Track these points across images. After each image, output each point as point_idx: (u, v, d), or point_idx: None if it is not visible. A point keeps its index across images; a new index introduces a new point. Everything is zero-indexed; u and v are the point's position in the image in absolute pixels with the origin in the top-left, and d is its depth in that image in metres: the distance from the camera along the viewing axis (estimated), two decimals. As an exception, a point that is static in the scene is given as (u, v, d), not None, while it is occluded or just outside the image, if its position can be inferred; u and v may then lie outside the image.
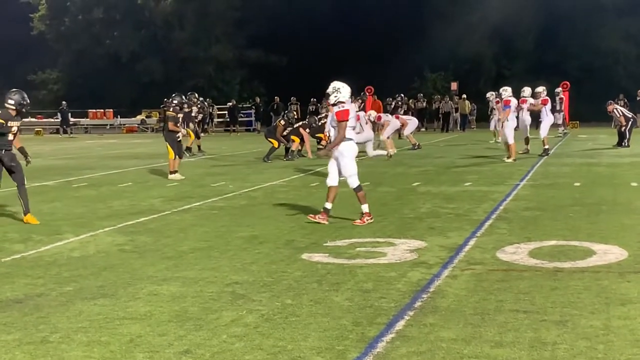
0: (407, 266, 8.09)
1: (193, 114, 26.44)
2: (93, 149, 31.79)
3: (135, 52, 61.18)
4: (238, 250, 9.11)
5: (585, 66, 51.80)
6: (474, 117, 46.68)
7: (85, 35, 62.78)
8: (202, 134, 29.90)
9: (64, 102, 48.45)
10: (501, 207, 12.29)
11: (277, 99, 47.21)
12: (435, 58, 53.38)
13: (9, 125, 11.26)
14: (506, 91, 22.42)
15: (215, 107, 49.07)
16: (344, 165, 10.94)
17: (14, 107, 11.36)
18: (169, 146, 17.87)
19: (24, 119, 12.72)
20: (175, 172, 17.74)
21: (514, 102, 22.08)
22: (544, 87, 23.75)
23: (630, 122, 26.13)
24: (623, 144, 25.69)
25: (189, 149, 25.26)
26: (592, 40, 51.99)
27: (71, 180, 17.79)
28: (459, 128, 44.64)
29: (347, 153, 10.88)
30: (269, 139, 23.57)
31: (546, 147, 22.61)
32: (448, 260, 8.37)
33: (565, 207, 12.17)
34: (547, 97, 23.25)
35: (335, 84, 11.03)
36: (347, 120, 10.74)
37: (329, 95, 11.05)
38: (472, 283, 7.34)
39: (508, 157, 21.14)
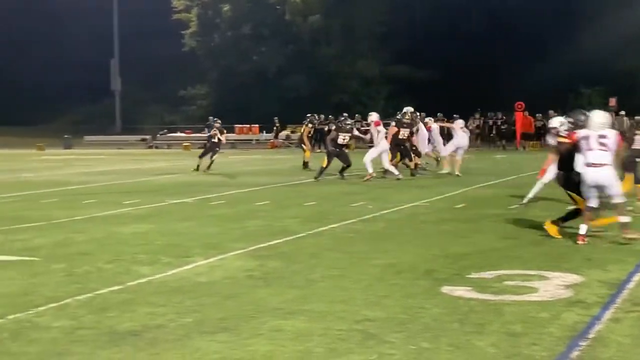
0: (561, 305, 7.15)
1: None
2: (235, 165, 31.84)
3: (282, 67, 61.68)
4: (373, 281, 8.38)
5: None
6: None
7: (233, 51, 63.81)
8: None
9: (210, 117, 49.05)
10: (668, 235, 11.01)
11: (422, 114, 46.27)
12: (589, 72, 51.16)
13: None
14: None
15: (363, 122, 48.56)
16: None
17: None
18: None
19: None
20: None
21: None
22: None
23: None
24: None
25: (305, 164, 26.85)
26: None
27: (210, 198, 17.48)
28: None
29: None
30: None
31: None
32: (609, 299, 7.37)
33: None
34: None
35: None
36: None
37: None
38: (639, 329, 6.35)
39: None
